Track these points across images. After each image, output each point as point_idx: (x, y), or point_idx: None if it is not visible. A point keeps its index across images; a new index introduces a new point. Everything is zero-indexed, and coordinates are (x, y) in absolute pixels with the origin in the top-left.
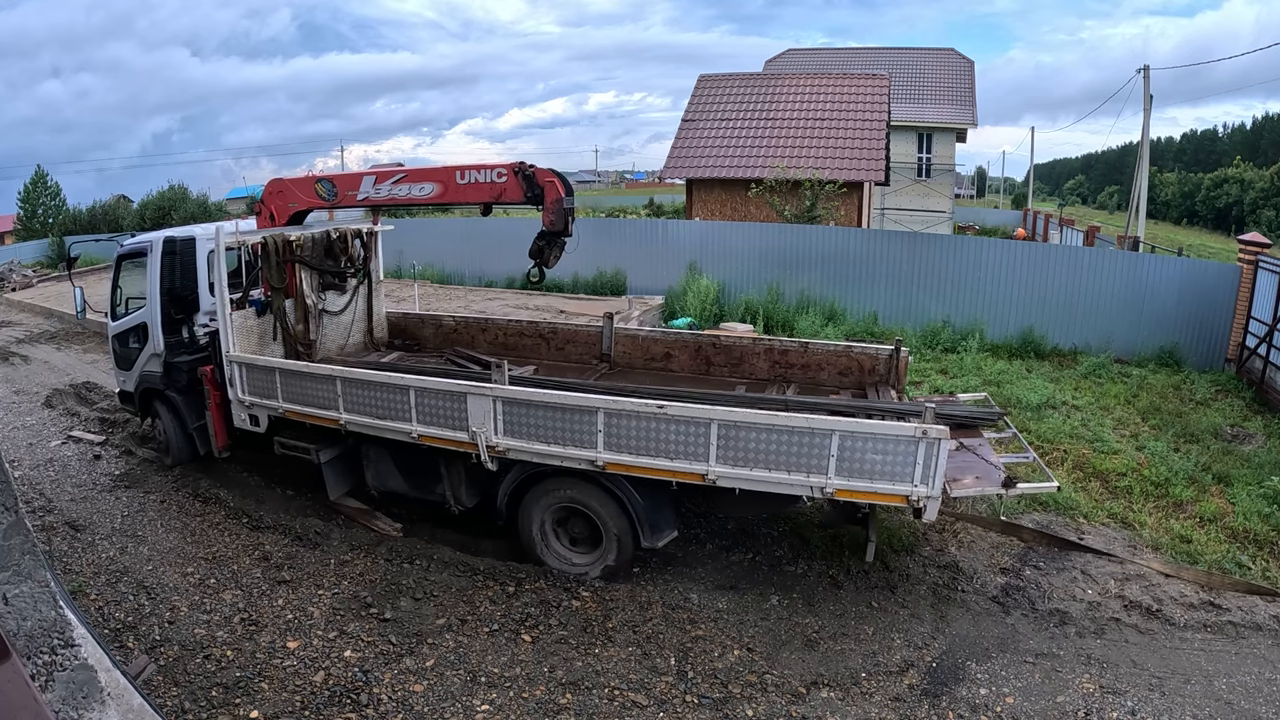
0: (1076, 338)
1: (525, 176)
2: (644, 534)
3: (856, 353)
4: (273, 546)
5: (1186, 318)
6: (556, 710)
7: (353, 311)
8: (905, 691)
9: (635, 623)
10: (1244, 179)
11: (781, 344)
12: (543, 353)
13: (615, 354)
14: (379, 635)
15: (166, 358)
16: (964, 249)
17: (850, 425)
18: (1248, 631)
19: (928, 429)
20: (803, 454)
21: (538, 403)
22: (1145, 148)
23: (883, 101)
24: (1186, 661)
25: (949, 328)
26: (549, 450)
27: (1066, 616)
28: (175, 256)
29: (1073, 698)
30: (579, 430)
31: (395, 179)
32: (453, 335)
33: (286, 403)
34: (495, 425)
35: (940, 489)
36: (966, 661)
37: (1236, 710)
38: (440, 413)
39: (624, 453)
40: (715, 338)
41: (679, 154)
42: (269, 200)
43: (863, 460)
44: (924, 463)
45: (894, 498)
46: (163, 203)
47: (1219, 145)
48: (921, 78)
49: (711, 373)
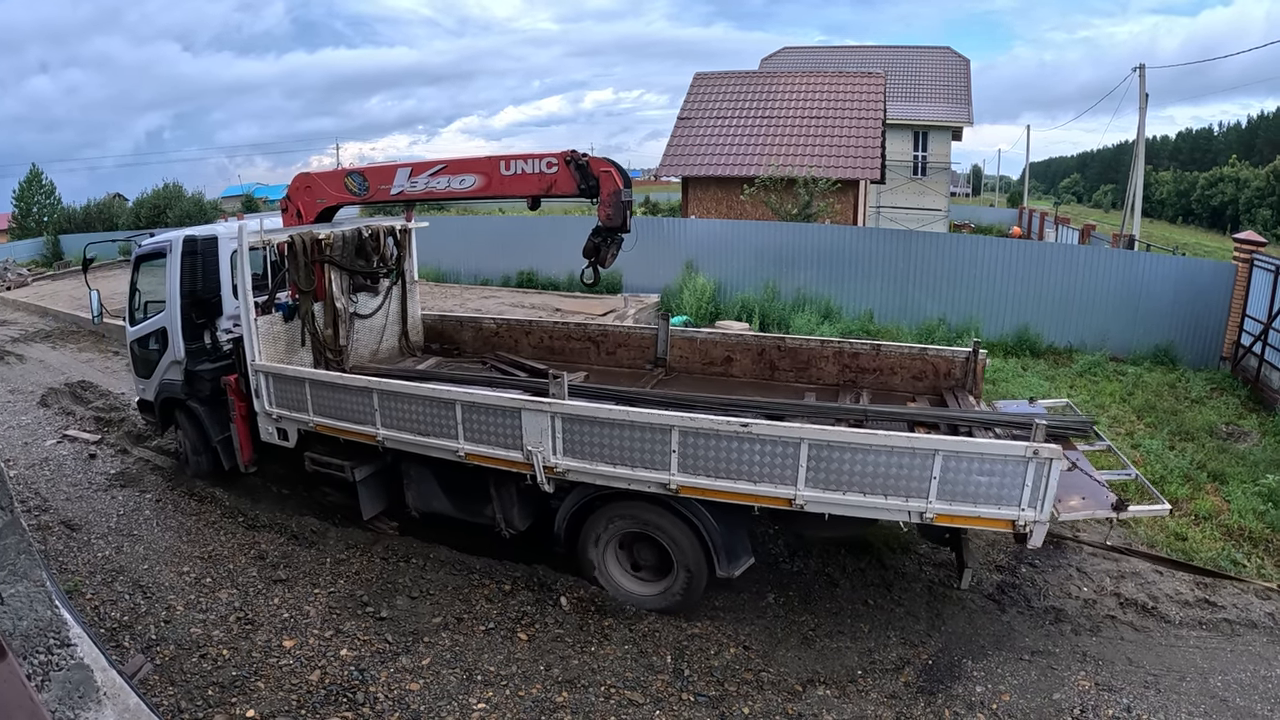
0: (1072, 336)
1: (578, 166)
2: (719, 562)
3: (931, 355)
4: (269, 545)
5: (1182, 316)
6: (553, 708)
7: (385, 314)
8: (901, 689)
9: (631, 621)
10: (1239, 178)
11: (852, 346)
12: (592, 357)
13: (671, 358)
14: (375, 634)
15: (188, 365)
16: (960, 247)
17: (955, 444)
18: (1243, 629)
19: (1039, 448)
20: (902, 476)
21: (602, 419)
22: (1141, 146)
23: (878, 100)
24: (1182, 659)
25: (944, 325)
26: (614, 472)
27: (1062, 614)
28: (196, 257)
29: (1068, 695)
30: (649, 450)
31: (433, 171)
32: (493, 339)
33: (318, 416)
34: (554, 444)
35: (1049, 513)
36: (963, 659)
37: (1232, 707)
38: (491, 430)
39: (700, 475)
40: (780, 340)
41: (675, 152)
42: (295, 196)
43: (967, 482)
44: (1033, 484)
45: (999, 523)
46: (158, 201)
47: (1214, 144)
48: (917, 76)
49: (776, 378)
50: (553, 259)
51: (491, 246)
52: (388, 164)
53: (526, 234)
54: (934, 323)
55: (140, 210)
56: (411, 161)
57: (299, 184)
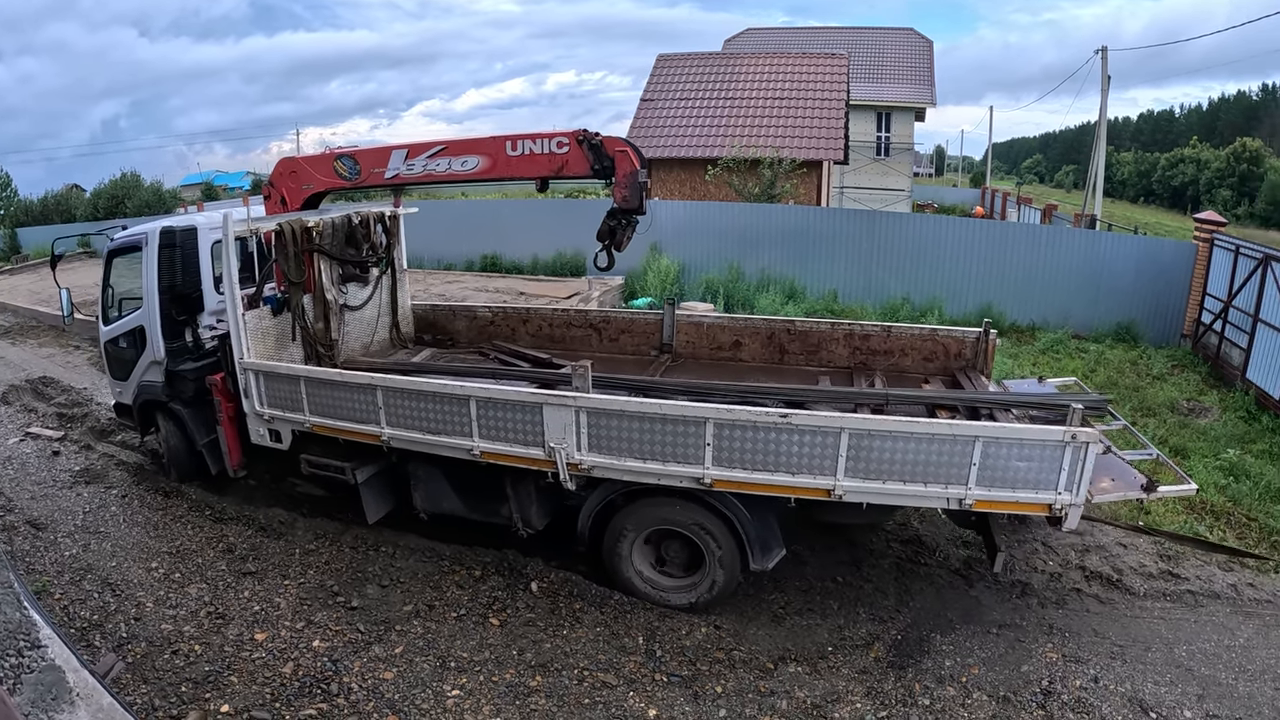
0: (1035, 314)
1: (591, 146)
2: (753, 556)
3: (942, 336)
4: (237, 538)
5: (1143, 294)
6: (527, 693)
7: (376, 306)
8: (871, 664)
9: (602, 603)
10: (1200, 159)
11: (863, 329)
12: (594, 345)
13: (678, 344)
14: (347, 624)
15: (169, 365)
16: (923, 227)
17: (996, 430)
18: (1206, 600)
19: (1077, 432)
20: (942, 463)
21: (632, 413)
22: (1103, 128)
23: (842, 81)
24: (1147, 629)
25: (908, 304)
26: (644, 467)
27: (1028, 588)
28: (175, 250)
29: (1036, 667)
30: (682, 444)
31: (432, 153)
32: (489, 328)
33: (315, 416)
34: (578, 440)
35: (1085, 496)
36: (931, 634)
37: (1196, 676)
38: (509, 426)
39: (736, 468)
40: (790, 323)
41: (638, 134)
42: (279, 182)
43: (1006, 468)
44: (1070, 468)
45: (1036, 507)
46: (116, 191)
47: (1175, 125)
48: (880, 57)
49: (786, 361)
50: (516, 242)
51: (454, 230)
52: (381, 145)
53: (490, 217)
54: (898, 302)
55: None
56: (408, 143)
57: (283, 169)
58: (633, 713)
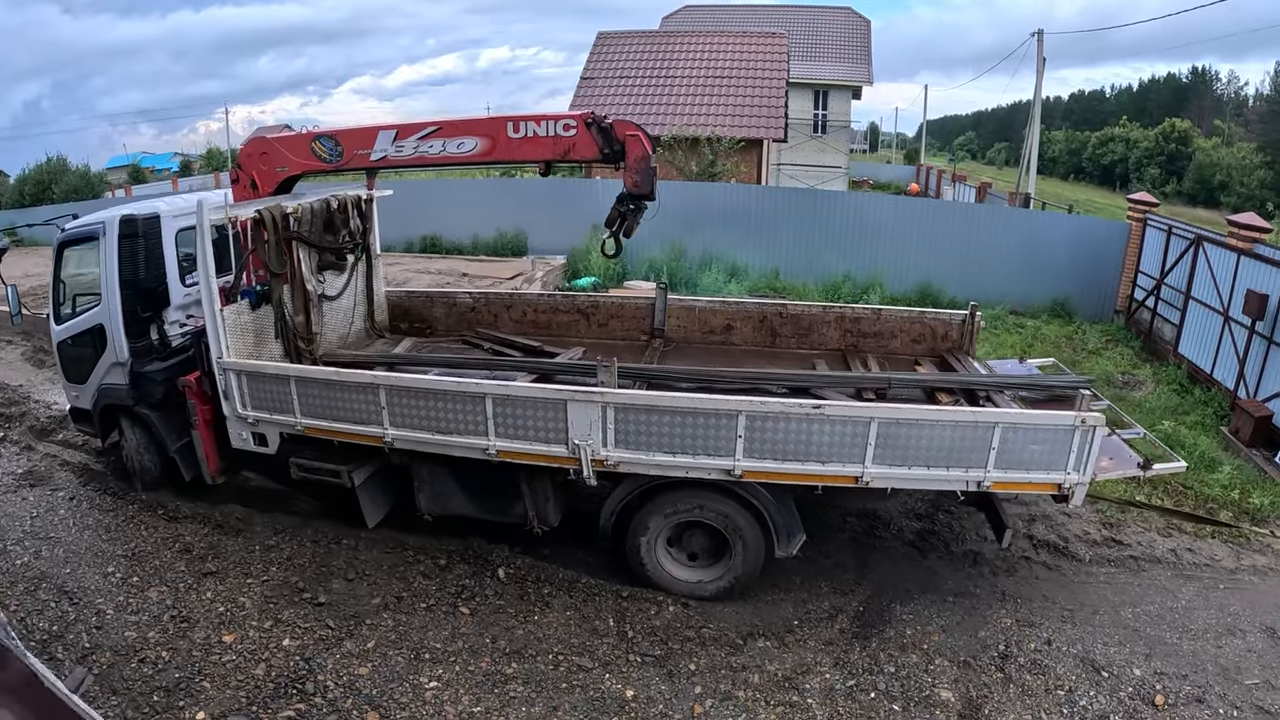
0: (973, 290)
1: (601, 129)
2: (779, 542)
3: (930, 319)
4: (193, 537)
5: (1077, 272)
6: (504, 680)
7: (353, 295)
8: (837, 635)
9: (570, 587)
10: (1130, 138)
11: (854, 312)
12: (582, 331)
13: (669, 328)
14: (316, 620)
15: (134, 367)
16: (863, 205)
17: (1014, 417)
18: (1148, 564)
19: (1086, 416)
20: (964, 449)
21: (664, 408)
22: (1038, 109)
23: (782, 60)
24: (1094, 594)
25: (850, 281)
26: (674, 461)
27: (980, 557)
28: (137, 240)
29: (992, 632)
30: (713, 437)
31: (424, 134)
32: (470, 315)
33: (307, 418)
34: (605, 436)
35: (1091, 475)
36: (891, 604)
37: (1143, 636)
38: (529, 424)
39: (768, 459)
40: (782, 306)
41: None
42: (248, 164)
43: (1022, 451)
44: (1079, 450)
45: (1047, 486)
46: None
47: (1106, 105)
48: (818, 35)
49: (778, 345)
50: (456, 223)
51: (392, 212)
52: (366, 125)
53: (429, 198)
54: (839, 279)
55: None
56: (396, 123)
57: (254, 150)
58: (610, 694)
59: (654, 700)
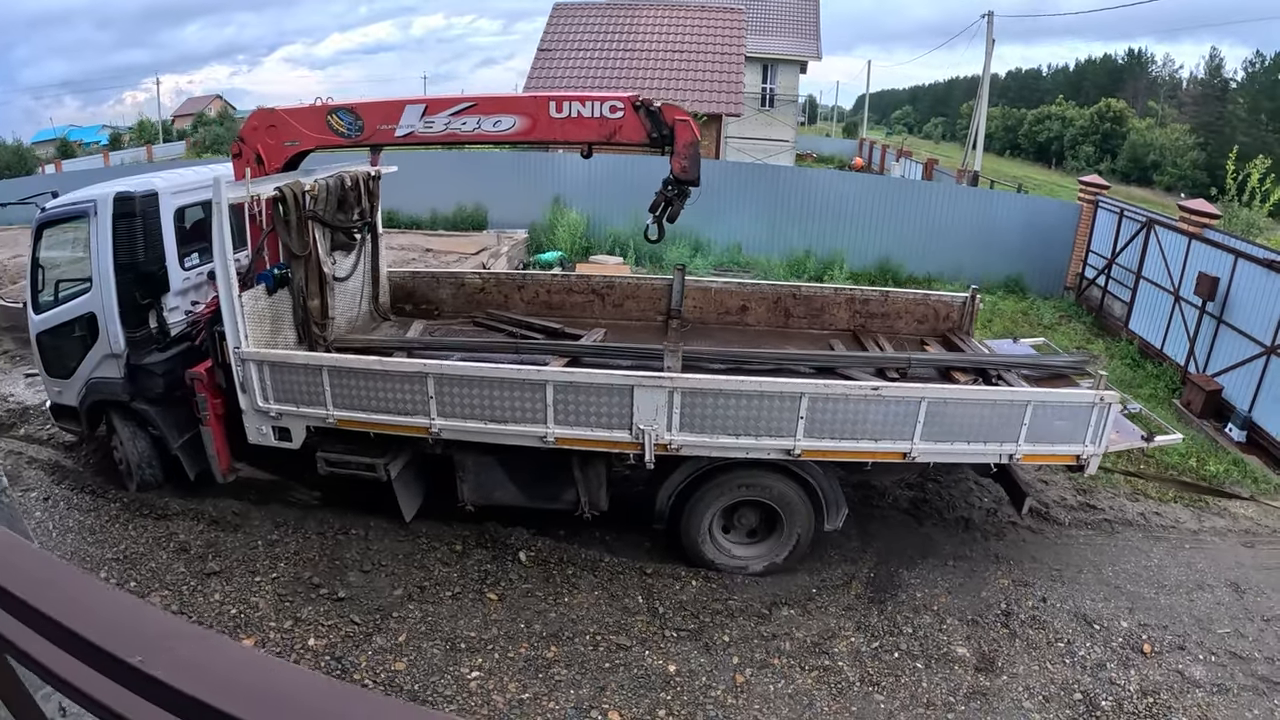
0: (931, 266)
1: (649, 113)
2: (829, 516)
3: (934, 300)
4: (188, 535)
5: (1029, 250)
6: (546, 664)
7: (360, 276)
8: (854, 601)
9: (593, 567)
10: (1066, 116)
11: (863, 293)
12: (597, 311)
13: (685, 309)
14: (339, 616)
15: (131, 358)
16: (824, 182)
17: (1044, 395)
18: (1120, 527)
19: (1104, 394)
20: (1001, 425)
21: (730, 391)
22: (985, 89)
23: (741, 35)
24: (1076, 555)
25: (812, 257)
26: (736, 443)
27: (970, 523)
28: (134, 219)
29: (993, 592)
30: (775, 418)
31: (457, 109)
32: (479, 296)
33: (341, 410)
34: (670, 420)
35: (1105, 447)
36: (899, 569)
37: (1124, 592)
38: (591, 410)
39: (825, 438)
40: (796, 288)
41: (536, 84)
42: (252, 137)
43: (1049, 427)
44: (1095, 425)
45: (1066, 458)
46: None
47: (1043, 84)
48: (766, 9)
49: (791, 325)
50: (413, 197)
51: None
52: (391, 99)
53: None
54: (801, 255)
55: None
56: (426, 97)
57: (259, 122)
58: (653, 670)
59: (696, 673)
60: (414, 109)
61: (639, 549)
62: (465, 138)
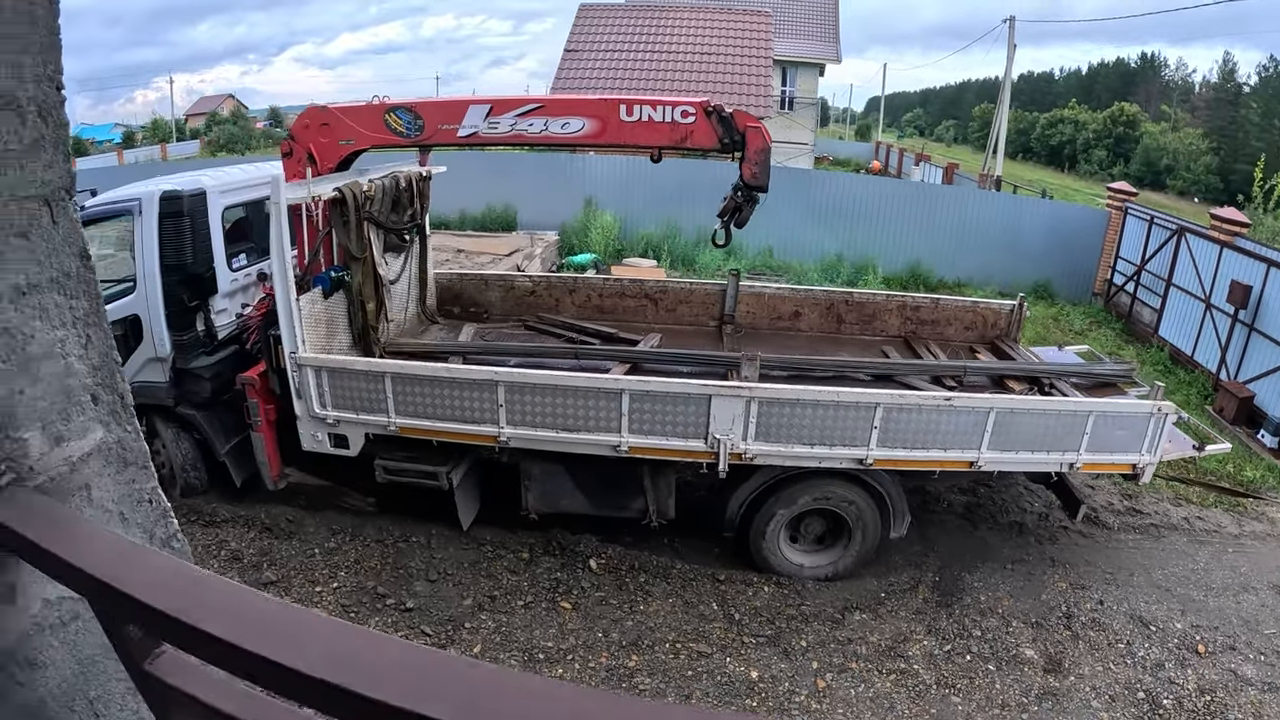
0: (960, 271)
1: (721, 118)
2: (894, 524)
3: (982, 308)
4: (240, 543)
5: (1055, 255)
6: (629, 674)
7: (408, 278)
8: (922, 605)
9: (664, 574)
10: (1078, 120)
11: (914, 300)
12: (649, 316)
13: (738, 314)
14: (409, 627)
15: (177, 362)
16: (854, 186)
17: (1105, 406)
18: (1166, 531)
19: (1160, 405)
20: (1063, 434)
21: (807, 401)
22: (1006, 93)
23: (768, 38)
24: (1127, 558)
25: (844, 262)
26: (810, 452)
27: (1024, 527)
28: (182, 219)
29: (1053, 595)
30: (850, 428)
31: (523, 110)
32: (529, 299)
33: (404, 418)
34: (746, 429)
35: (1160, 455)
36: (961, 573)
37: (1175, 595)
38: (667, 419)
39: (897, 448)
40: (848, 294)
41: (563, 85)
42: (303, 136)
43: (1109, 436)
44: (1152, 435)
45: (1123, 466)
46: None
47: (1054, 87)
48: (786, 11)
49: (843, 331)
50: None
51: None
52: (453, 98)
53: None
54: (833, 258)
55: None
56: (491, 97)
57: (311, 120)
58: (736, 677)
59: (778, 679)
60: (478, 109)
61: (708, 555)
62: (532, 139)
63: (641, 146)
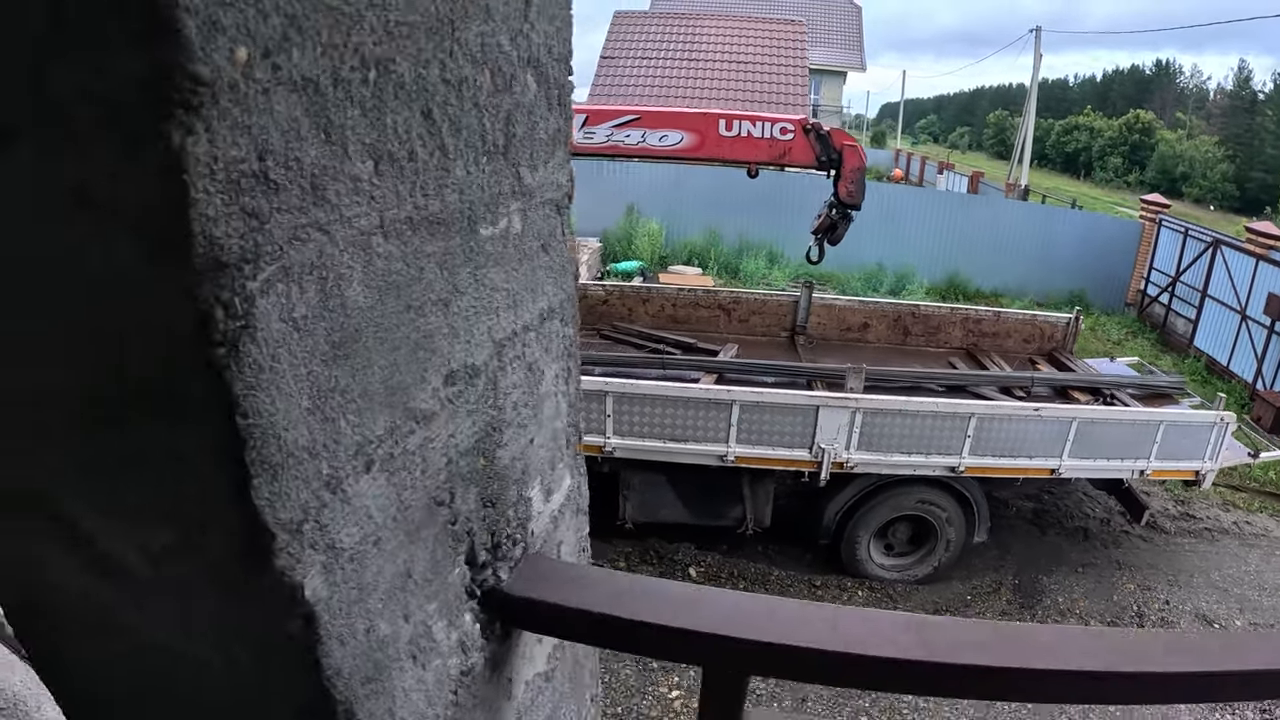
0: (997, 281)
1: (819, 136)
2: (978, 530)
3: (1040, 321)
4: None
5: (1088, 266)
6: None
7: None
8: (1006, 606)
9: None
10: (1094, 127)
11: (977, 313)
12: (722, 326)
13: (809, 325)
14: None
15: None
16: (892, 196)
17: (1174, 416)
18: (1218, 535)
19: (1223, 414)
20: (1136, 443)
21: (910, 412)
22: (1033, 102)
23: (802, 47)
24: (1185, 561)
25: (884, 271)
26: (908, 461)
27: (1089, 532)
28: None
29: (1123, 596)
30: (945, 437)
31: (620, 121)
32: (602, 309)
33: None
34: (849, 439)
35: (1220, 463)
36: (1038, 576)
37: (1232, 595)
38: (774, 430)
39: (988, 456)
40: (915, 307)
41: (600, 92)
42: None
43: (1176, 444)
44: (1214, 443)
45: (1187, 473)
46: None
47: (1070, 94)
48: (812, 20)
49: (909, 343)
50: None
51: None
52: None
53: None
54: (874, 268)
55: None
56: (587, 106)
57: None
58: None
59: None
60: (575, 119)
61: (800, 562)
62: (628, 150)
63: (739, 161)
